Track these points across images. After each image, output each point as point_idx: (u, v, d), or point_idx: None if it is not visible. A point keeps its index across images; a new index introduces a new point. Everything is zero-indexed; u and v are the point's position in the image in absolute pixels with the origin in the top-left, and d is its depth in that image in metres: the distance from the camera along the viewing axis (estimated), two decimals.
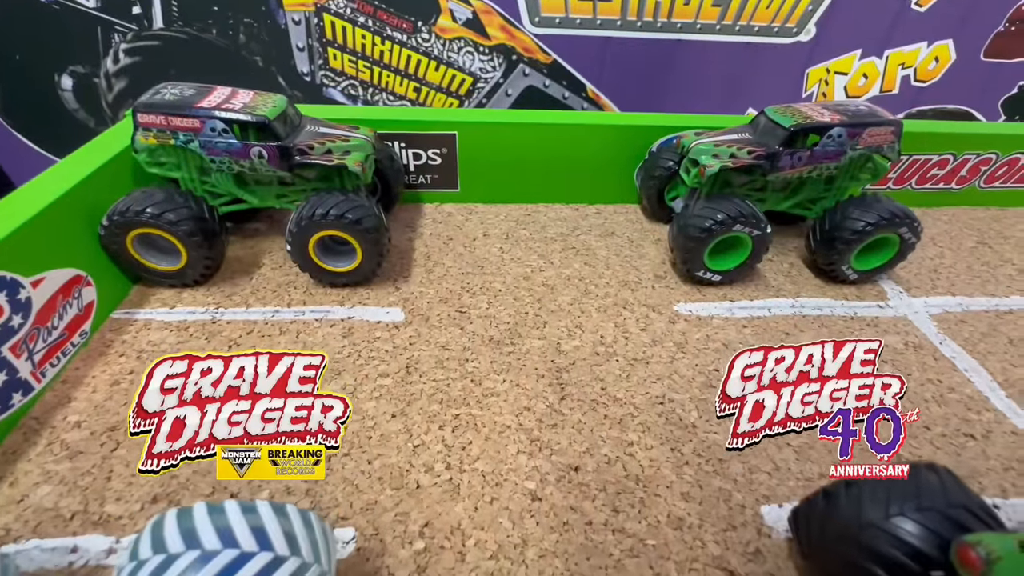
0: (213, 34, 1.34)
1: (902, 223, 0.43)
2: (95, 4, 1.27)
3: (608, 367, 0.38)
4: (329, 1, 1.31)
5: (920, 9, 1.33)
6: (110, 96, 1.39)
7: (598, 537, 0.28)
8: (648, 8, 1.35)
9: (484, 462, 0.32)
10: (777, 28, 1.48)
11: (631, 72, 1.49)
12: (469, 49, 1.46)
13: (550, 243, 0.52)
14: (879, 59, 1.54)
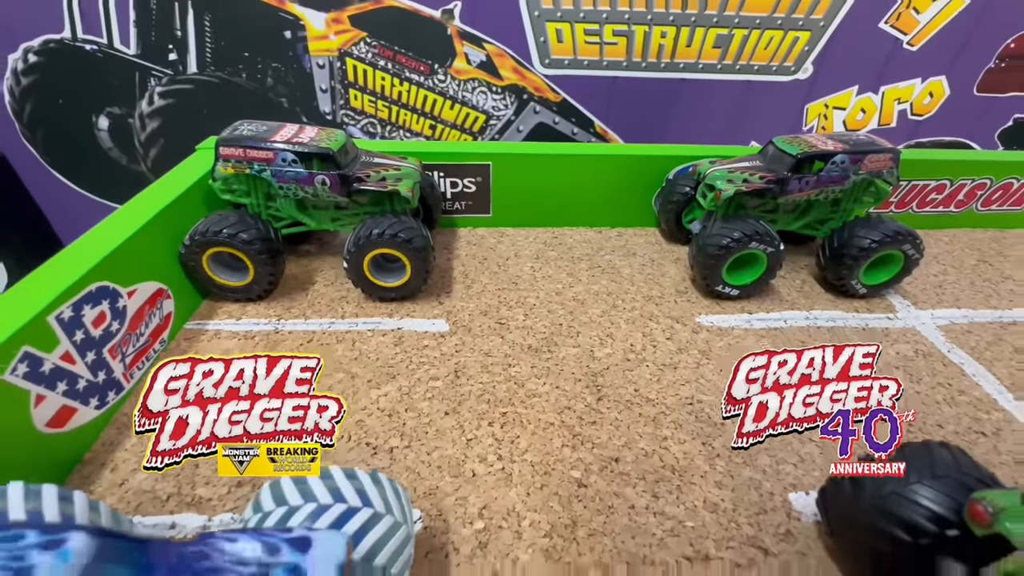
0: (243, 78, 1.40)
1: (905, 240, 0.47)
2: (135, 51, 1.36)
3: (639, 371, 0.41)
4: (352, 46, 1.39)
5: (912, 48, 1.38)
6: (143, 136, 1.43)
7: (641, 519, 0.31)
8: (652, 49, 1.38)
9: (532, 454, 0.35)
10: (775, 67, 1.53)
11: (637, 109, 1.54)
12: (483, 89, 1.49)
13: (577, 262, 0.56)
14: (875, 95, 1.59)
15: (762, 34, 1.39)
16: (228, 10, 1.24)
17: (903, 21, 1.39)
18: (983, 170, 0.60)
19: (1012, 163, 0.61)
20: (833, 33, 1.33)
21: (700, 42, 1.38)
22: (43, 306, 0.30)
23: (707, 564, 0.28)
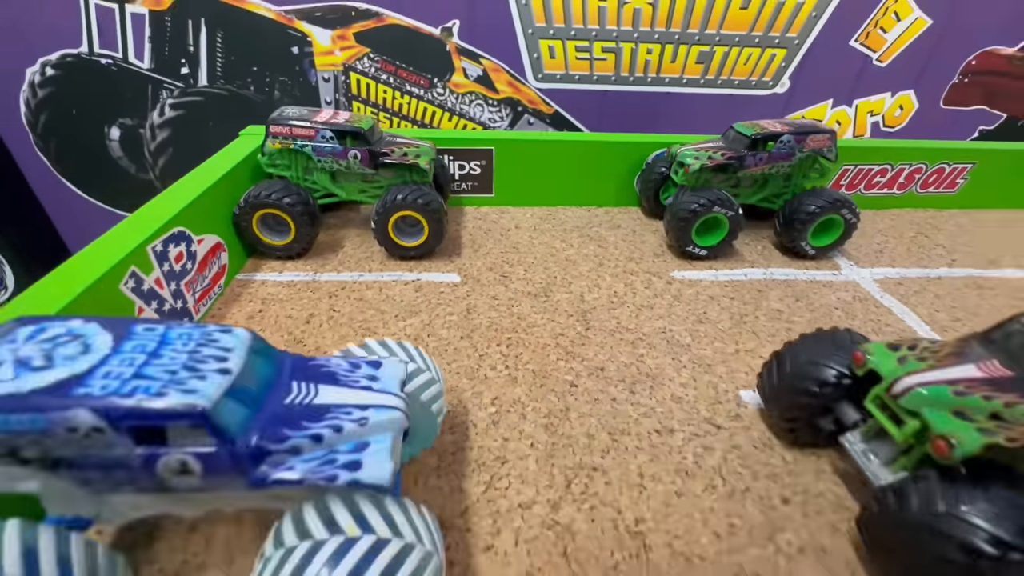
0: (251, 90, 1.43)
1: (843, 206, 0.56)
2: (149, 65, 1.40)
3: (621, 310, 0.49)
4: (356, 61, 1.44)
5: (881, 64, 1.48)
6: (152, 145, 1.46)
7: (620, 407, 0.39)
8: (639, 65, 1.45)
9: (533, 364, 0.42)
10: (755, 81, 1.60)
11: (624, 121, 1.55)
12: (479, 102, 1.53)
13: (569, 233, 0.64)
14: (849, 107, 1.68)
15: (741, 51, 1.44)
16: (239, 27, 1.30)
17: (872, 39, 1.49)
18: (919, 156, 0.70)
19: (944, 150, 0.70)
20: (807, 50, 1.40)
21: (684, 58, 1.44)
22: (145, 237, 0.38)
23: (671, 434, 0.36)
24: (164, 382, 0.19)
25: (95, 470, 0.19)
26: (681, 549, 0.29)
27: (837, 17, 1.37)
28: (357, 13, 1.35)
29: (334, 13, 1.33)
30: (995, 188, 0.71)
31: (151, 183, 1.47)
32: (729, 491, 0.32)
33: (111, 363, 0.19)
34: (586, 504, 0.31)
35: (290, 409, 0.21)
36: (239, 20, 1.29)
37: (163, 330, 0.21)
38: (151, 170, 1.47)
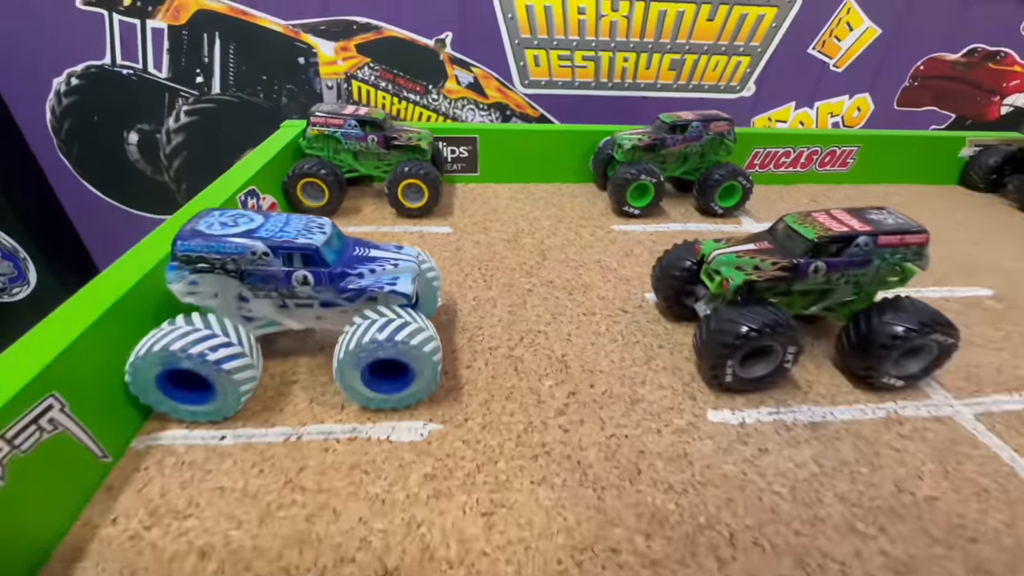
0: (260, 97, 1.49)
1: (740, 175, 0.74)
2: (167, 75, 1.47)
3: (571, 249, 0.67)
4: (357, 70, 1.51)
5: (838, 70, 1.63)
6: (168, 148, 1.53)
7: (561, 302, 0.56)
8: (616, 71, 1.55)
9: (503, 279, 0.60)
10: (723, 86, 1.70)
11: (605, 122, 1.79)
12: (471, 106, 1.59)
13: (537, 202, 0.82)
14: (811, 109, 1.81)
15: (709, 59, 1.54)
16: (250, 39, 1.38)
17: (828, 47, 1.62)
18: (814, 140, 0.88)
19: (833, 135, 0.88)
20: (770, 58, 1.51)
21: (657, 65, 1.53)
22: (235, 189, 0.56)
23: (593, 315, 0.53)
24: (295, 234, 0.36)
25: (260, 280, 0.36)
26: (589, 368, 0.46)
27: (795, 27, 1.46)
28: (358, 27, 1.42)
29: (337, 27, 1.41)
30: (878, 166, 0.89)
31: (166, 184, 1.52)
32: (625, 343, 0.50)
33: (266, 226, 0.36)
34: (531, 348, 0.48)
35: (355, 257, 0.38)
36: (250, 33, 1.37)
37: (287, 217, 0.38)
38: (166, 172, 1.52)
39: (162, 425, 0.37)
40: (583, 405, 0.41)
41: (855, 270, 0.40)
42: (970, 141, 0.85)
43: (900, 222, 0.42)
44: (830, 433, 0.39)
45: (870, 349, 0.41)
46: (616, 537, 0.31)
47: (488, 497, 0.33)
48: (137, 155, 1.49)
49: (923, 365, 0.42)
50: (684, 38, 1.48)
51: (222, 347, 0.34)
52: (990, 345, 0.50)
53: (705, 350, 0.42)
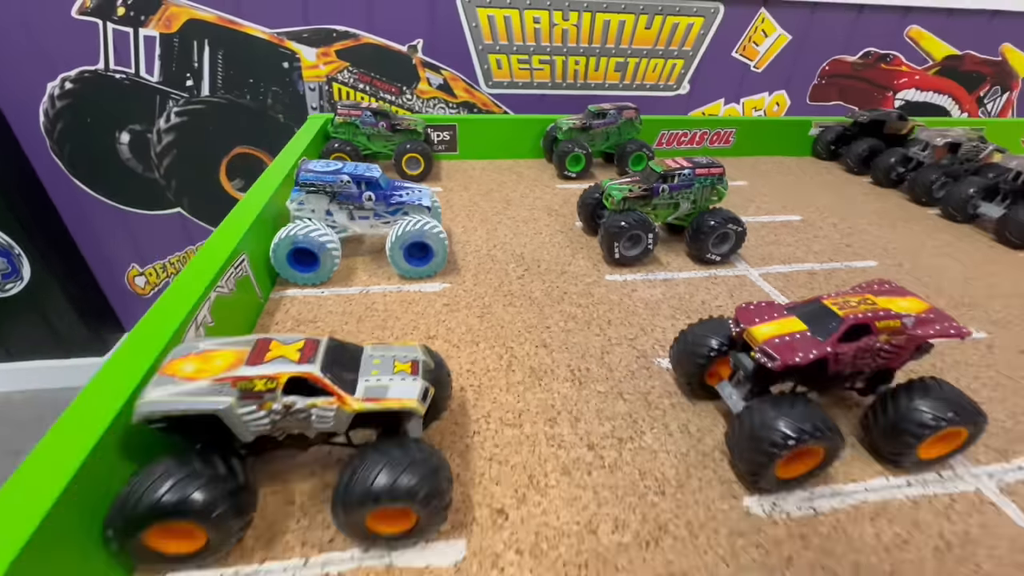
0: (247, 99, 1.57)
1: (644, 147, 1.03)
2: (158, 79, 1.51)
3: (527, 200, 0.95)
4: (337, 73, 1.56)
5: (758, 71, 1.83)
6: (159, 147, 1.60)
7: (521, 233, 0.84)
8: (570, 73, 1.69)
9: (479, 216, 0.87)
10: (663, 85, 1.83)
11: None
12: (442, 105, 1.66)
13: (502, 171, 1.10)
14: (738, 104, 2.00)
15: (649, 61, 1.69)
16: (238, 46, 1.47)
17: (748, 51, 1.85)
18: (704, 125, 1.19)
19: (719, 121, 1.19)
20: (700, 60, 1.70)
21: (605, 67, 1.68)
22: (297, 156, 0.81)
23: (540, 234, 0.81)
24: (363, 171, 0.63)
25: (344, 197, 0.62)
26: (536, 258, 0.74)
27: (720, 34, 1.64)
28: (337, 34, 1.50)
29: (318, 34, 1.48)
30: (752, 143, 1.20)
31: (155, 181, 1.61)
32: (561, 243, 0.78)
33: (344, 168, 0.63)
34: (500, 249, 0.76)
35: (394, 186, 0.66)
36: (237, 41, 1.45)
37: (354, 164, 0.65)
38: (156, 169, 1.59)
39: (284, 286, 0.63)
40: (534, 277, 0.69)
41: (685, 190, 0.69)
42: (815, 123, 1.16)
43: (709, 160, 0.71)
44: (676, 282, 0.68)
45: None
46: (549, 323, 0.60)
47: (479, 312, 0.61)
48: (128, 154, 1.56)
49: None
50: (626, 44, 1.64)
51: (324, 235, 0.61)
52: (798, 248, 0.81)
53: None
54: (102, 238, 1.72)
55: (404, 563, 0.34)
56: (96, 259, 1.77)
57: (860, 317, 0.38)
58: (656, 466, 0.41)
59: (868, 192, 1.02)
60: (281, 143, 1.58)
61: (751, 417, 0.38)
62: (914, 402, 0.40)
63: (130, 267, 1.79)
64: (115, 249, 1.75)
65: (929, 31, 1.83)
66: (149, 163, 1.60)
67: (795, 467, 0.38)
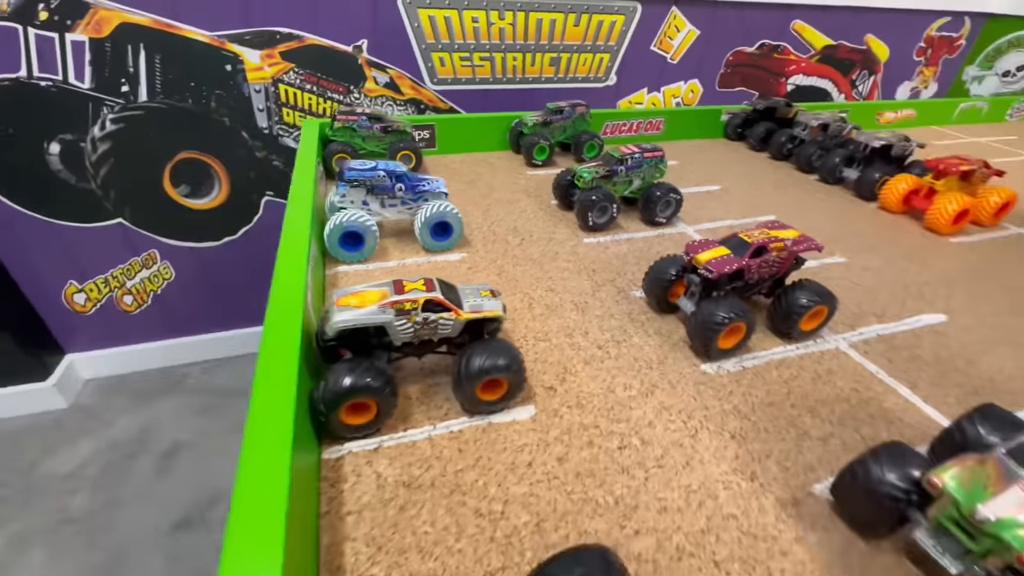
0: (189, 103, 1.54)
1: (595, 137, 1.24)
2: (90, 85, 1.43)
3: (504, 185, 1.13)
4: (283, 75, 1.58)
5: (674, 62, 2.08)
6: (94, 157, 1.54)
7: (504, 207, 1.02)
8: (509, 68, 1.83)
9: (472, 203, 1.04)
10: (593, 77, 2.01)
11: (504, 110, 1.84)
12: (389, 103, 1.79)
13: (477, 163, 1.27)
14: (659, 92, 2.25)
15: (580, 56, 1.87)
16: (176, 50, 1.45)
17: (664, 45, 2.09)
18: (639, 115, 1.42)
19: (650, 112, 1.43)
20: (624, 54, 1.91)
21: (540, 62, 1.83)
22: (314, 161, 0.94)
23: (525, 212, 1.00)
24: (393, 167, 0.79)
25: (381, 189, 0.77)
26: (524, 232, 0.93)
27: (639, 30, 1.86)
28: (281, 36, 1.52)
29: (261, 37, 1.50)
30: (678, 129, 1.45)
31: (92, 192, 1.56)
32: (539, 217, 0.98)
33: (379, 165, 0.78)
34: (495, 224, 0.94)
35: (416, 178, 0.82)
36: (175, 44, 1.43)
37: (384, 162, 0.80)
38: (92, 180, 1.55)
39: (335, 264, 0.78)
40: (529, 244, 0.88)
41: (636, 169, 0.91)
42: (725, 111, 1.43)
43: (652, 145, 0.93)
44: (636, 240, 0.90)
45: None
46: (551, 275, 0.79)
47: (496, 272, 0.79)
48: (59, 165, 1.50)
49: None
50: (559, 40, 1.79)
51: (368, 219, 0.76)
52: (719, 209, 1.05)
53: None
54: (33, 255, 1.64)
55: (498, 420, 0.52)
56: (28, 278, 1.68)
57: (761, 241, 0.61)
58: (644, 353, 0.63)
59: (767, 165, 1.30)
60: (228, 146, 1.62)
61: (701, 312, 0.60)
62: (795, 294, 0.61)
63: (67, 284, 1.73)
64: (49, 266, 1.69)
65: (809, 25, 2.16)
66: (84, 173, 1.55)
67: (729, 340, 0.61)
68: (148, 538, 1.38)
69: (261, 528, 0.27)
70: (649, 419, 0.53)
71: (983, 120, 1.78)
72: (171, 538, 1.39)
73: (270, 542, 0.27)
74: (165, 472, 1.58)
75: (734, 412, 0.54)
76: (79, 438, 1.65)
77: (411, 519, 0.42)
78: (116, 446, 1.64)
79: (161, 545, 1.37)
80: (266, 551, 0.26)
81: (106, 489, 1.50)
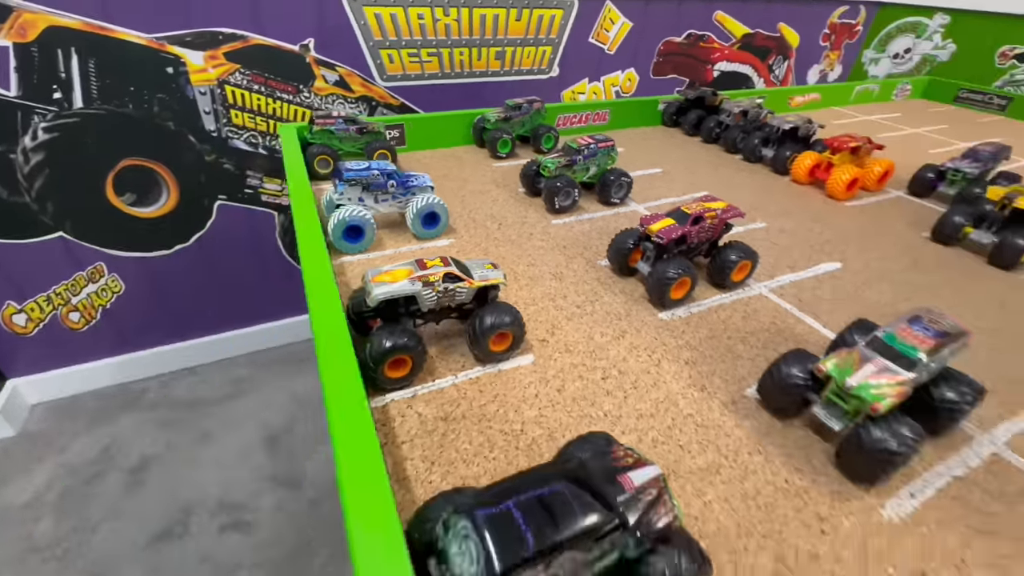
0: (130, 108, 1.49)
1: (552, 130, 1.38)
2: (16, 93, 1.36)
3: (473, 177, 1.25)
4: (229, 76, 1.56)
5: (611, 53, 2.25)
6: (27, 168, 1.47)
7: (477, 197, 1.14)
8: (456, 63, 1.88)
9: (448, 194, 1.16)
10: (537, 69, 2.16)
11: (453, 106, 2.00)
12: (341, 100, 1.80)
13: (446, 158, 1.37)
14: (599, 82, 2.43)
15: (524, 49, 1.96)
16: (111, 53, 1.39)
17: (601, 37, 2.25)
18: (587, 108, 1.58)
19: (596, 104, 1.59)
20: (564, 46, 2.02)
21: (487, 56, 1.90)
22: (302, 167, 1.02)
23: (496, 200, 1.13)
24: (384, 166, 0.89)
25: (375, 186, 0.87)
26: (496, 216, 1.06)
27: (577, 24, 1.97)
28: (224, 37, 1.50)
29: (203, 37, 1.47)
30: (622, 119, 1.62)
31: (26, 206, 1.50)
32: (509, 203, 1.10)
33: (372, 165, 0.88)
34: (473, 211, 1.06)
35: (405, 175, 0.92)
36: (110, 47, 1.37)
37: (376, 162, 0.90)
38: (26, 193, 1.49)
39: (338, 255, 0.87)
40: (506, 228, 1.00)
41: (593, 158, 1.06)
42: (661, 101, 1.60)
43: (604, 136, 1.08)
44: (596, 219, 1.05)
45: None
46: (529, 252, 0.92)
47: (481, 252, 0.91)
48: None
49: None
50: (502, 34, 1.86)
51: (365, 214, 0.86)
52: (663, 188, 1.22)
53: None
54: None
55: (506, 367, 0.65)
56: None
57: (698, 212, 0.77)
58: (613, 308, 0.77)
59: (700, 148, 1.48)
60: (175, 151, 1.61)
61: (655, 272, 0.75)
62: (726, 253, 0.79)
63: (4, 305, 1.66)
64: None
65: (729, 16, 2.36)
66: (15, 187, 1.48)
67: (678, 292, 0.76)
68: (126, 554, 1.36)
69: (363, 458, 0.38)
70: (623, 356, 0.67)
71: (875, 100, 2.06)
72: (151, 550, 1.38)
73: (372, 467, 0.38)
74: (135, 487, 1.55)
75: (686, 346, 0.70)
76: (32, 465, 1.60)
77: (452, 441, 0.54)
78: (75, 470, 1.59)
79: (140, 559, 1.36)
80: (371, 474, 0.37)
81: (72, 513, 1.47)
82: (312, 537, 1.41)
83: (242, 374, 1.97)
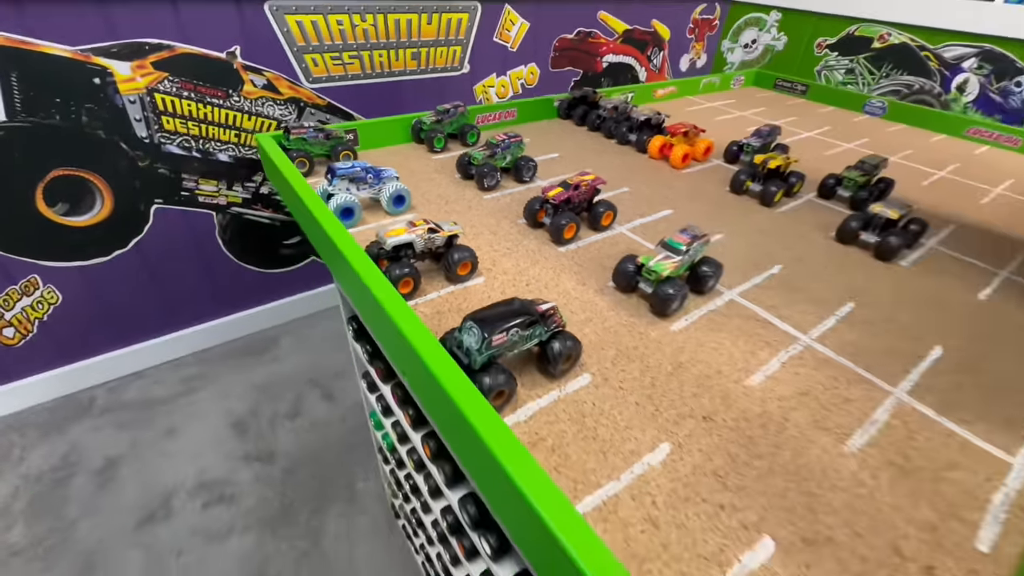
0: (57, 119, 1.48)
1: (530, 160, 1.78)
2: None
3: (420, 169, 1.62)
4: (158, 84, 1.61)
5: (513, 50, 2.55)
6: None
7: (429, 183, 1.52)
8: (376, 65, 2.01)
9: (406, 179, 1.52)
10: (450, 67, 2.33)
11: (376, 103, 2.15)
12: (270, 103, 1.92)
13: (395, 155, 1.71)
14: (506, 76, 2.73)
15: (437, 49, 2.12)
16: (34, 67, 1.38)
17: (503, 36, 2.56)
18: (497, 108, 1.99)
19: (503, 105, 2.01)
20: (472, 45, 2.19)
21: (403, 57, 2.05)
22: (294, 171, 1.34)
23: (471, 209, 1.52)
24: (363, 165, 1.25)
25: (358, 179, 1.23)
26: (466, 200, 1.45)
27: (482, 25, 2.15)
28: (150, 47, 1.54)
29: (128, 48, 1.50)
30: (528, 114, 2.05)
31: None
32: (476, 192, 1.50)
33: (354, 164, 1.23)
34: (450, 216, 1.44)
35: (374, 168, 1.28)
36: (32, 61, 1.37)
37: (356, 162, 1.25)
38: None
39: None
40: (452, 204, 1.39)
41: (507, 149, 1.48)
42: (556, 99, 2.05)
43: (515, 133, 1.51)
44: (514, 194, 1.48)
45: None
46: (474, 221, 1.33)
47: (439, 214, 1.31)
48: None
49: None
50: (416, 37, 2.02)
51: (353, 198, 1.22)
52: (561, 169, 1.66)
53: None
54: None
55: (468, 285, 1.07)
56: None
57: (577, 182, 1.22)
58: (530, 248, 1.18)
59: (587, 136, 1.95)
60: (107, 159, 1.67)
61: (554, 222, 1.19)
62: (597, 207, 1.21)
63: None
64: None
65: (611, 14, 2.62)
66: None
67: (569, 233, 1.21)
68: (117, 539, 1.39)
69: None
70: (537, 274, 1.11)
71: (718, 89, 2.67)
72: (142, 531, 1.41)
73: (425, 340, 0.79)
74: (108, 484, 1.56)
75: (576, 266, 1.15)
76: None
77: (443, 327, 0.95)
78: (39, 478, 1.56)
79: (134, 541, 1.39)
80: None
81: (46, 515, 1.46)
82: (293, 499, 1.50)
83: (192, 372, 1.99)
